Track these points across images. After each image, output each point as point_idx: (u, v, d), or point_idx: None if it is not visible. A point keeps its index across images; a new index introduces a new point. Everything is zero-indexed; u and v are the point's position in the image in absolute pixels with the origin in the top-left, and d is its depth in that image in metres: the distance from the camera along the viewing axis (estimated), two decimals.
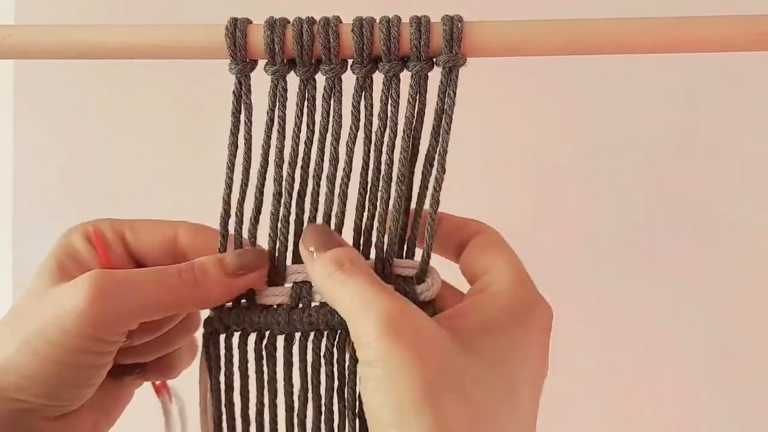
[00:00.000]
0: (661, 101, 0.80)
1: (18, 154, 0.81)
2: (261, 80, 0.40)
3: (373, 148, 0.40)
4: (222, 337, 0.42)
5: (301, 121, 0.40)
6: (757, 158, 0.80)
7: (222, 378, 0.42)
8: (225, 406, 0.42)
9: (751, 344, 0.81)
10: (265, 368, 0.41)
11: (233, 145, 0.40)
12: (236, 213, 0.41)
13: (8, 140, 0.82)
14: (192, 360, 0.46)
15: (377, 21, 0.38)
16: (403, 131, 0.39)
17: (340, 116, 0.40)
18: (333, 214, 0.40)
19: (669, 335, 0.81)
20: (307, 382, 0.41)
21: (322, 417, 0.41)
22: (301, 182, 0.41)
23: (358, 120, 0.40)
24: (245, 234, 0.41)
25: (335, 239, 0.39)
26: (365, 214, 0.40)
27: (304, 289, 0.41)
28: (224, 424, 0.42)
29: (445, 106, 0.39)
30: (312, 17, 0.39)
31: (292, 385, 0.42)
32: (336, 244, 0.39)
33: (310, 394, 0.41)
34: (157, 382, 0.46)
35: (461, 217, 0.42)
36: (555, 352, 0.81)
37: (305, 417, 0.41)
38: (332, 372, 0.41)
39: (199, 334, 0.44)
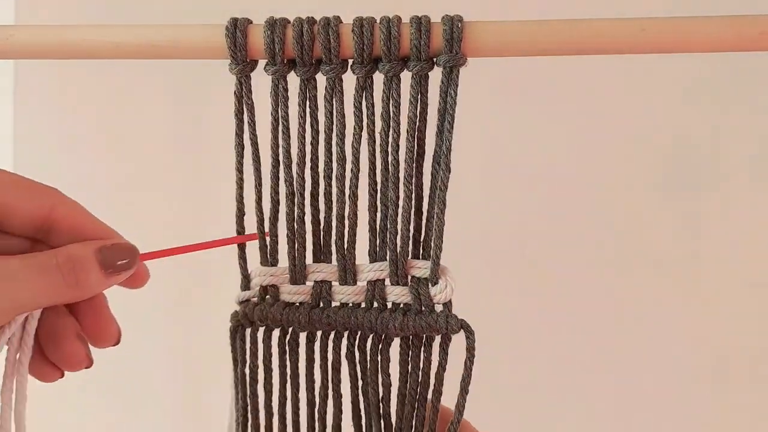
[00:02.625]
0: (660, 101, 0.80)
1: (18, 154, 0.81)
2: (263, 80, 0.40)
3: (378, 148, 0.40)
4: (248, 331, 0.43)
5: (305, 121, 0.40)
6: (757, 157, 0.80)
7: (247, 371, 0.43)
8: (249, 397, 0.43)
9: (751, 344, 0.81)
10: (287, 363, 0.42)
11: (239, 146, 0.41)
12: (256, 213, 0.41)
13: (8, 140, 0.82)
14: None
15: (377, 21, 0.38)
16: (407, 131, 0.40)
17: (343, 116, 0.40)
18: (346, 215, 0.41)
19: (669, 334, 0.81)
20: (327, 379, 0.42)
21: (343, 415, 0.42)
22: (312, 183, 0.41)
23: (361, 120, 0.40)
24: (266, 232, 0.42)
25: None
26: (378, 215, 0.41)
27: (324, 288, 0.41)
28: (249, 415, 0.43)
29: (447, 106, 0.39)
30: (312, 17, 0.39)
31: (313, 381, 0.42)
32: None
33: (330, 391, 0.42)
34: None
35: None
36: (553, 351, 0.81)
37: (325, 413, 0.42)
38: (355, 372, 0.41)
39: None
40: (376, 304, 0.41)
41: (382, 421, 0.41)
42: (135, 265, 0.38)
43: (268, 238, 0.42)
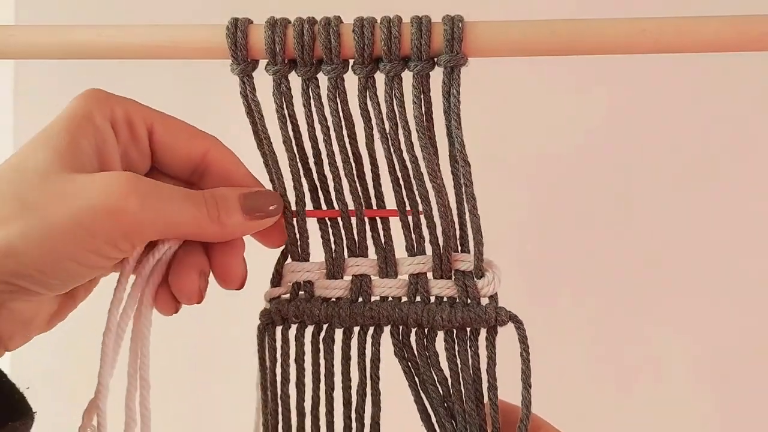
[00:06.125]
0: (660, 101, 0.80)
1: None
2: (265, 80, 0.40)
3: (391, 146, 0.40)
4: (278, 329, 0.42)
5: (312, 121, 0.40)
6: (756, 157, 0.80)
7: (278, 370, 0.42)
8: (280, 398, 0.42)
9: (749, 343, 0.81)
10: (322, 361, 0.41)
11: (261, 143, 0.41)
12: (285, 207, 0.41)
13: (8, 140, 0.82)
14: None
15: (378, 21, 0.38)
16: (417, 130, 0.40)
17: (350, 115, 0.40)
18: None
19: (669, 334, 0.81)
20: (366, 377, 0.41)
21: (382, 413, 0.41)
22: (335, 179, 0.41)
23: (370, 120, 0.40)
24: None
25: None
26: (408, 210, 0.41)
27: (363, 282, 0.41)
28: (280, 417, 0.42)
29: (452, 105, 0.39)
30: (313, 17, 0.39)
31: (349, 379, 0.41)
32: None
33: (369, 389, 0.41)
34: None
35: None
36: (553, 350, 0.81)
37: (363, 412, 0.41)
38: (409, 369, 0.41)
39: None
40: (419, 298, 0.41)
41: (452, 420, 0.40)
42: (277, 214, 0.40)
43: (297, 234, 0.41)
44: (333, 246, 0.41)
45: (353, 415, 0.41)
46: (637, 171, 0.81)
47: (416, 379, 0.41)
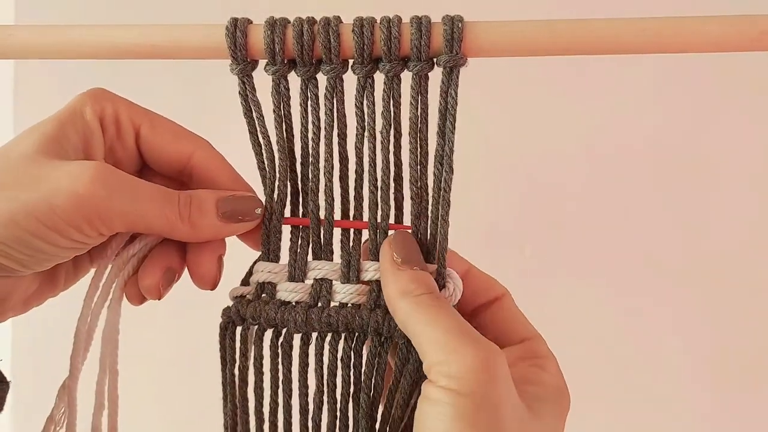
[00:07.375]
0: (661, 101, 0.80)
1: None
2: (266, 79, 0.40)
3: (379, 147, 0.39)
4: (238, 329, 0.41)
5: (307, 121, 0.40)
6: (756, 157, 0.80)
7: (236, 372, 0.41)
8: (238, 400, 0.41)
9: (752, 343, 0.81)
10: (280, 367, 0.40)
11: (257, 145, 0.40)
12: (266, 206, 0.41)
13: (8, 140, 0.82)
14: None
15: (378, 21, 0.38)
16: (409, 133, 0.39)
17: (344, 115, 0.40)
18: (351, 215, 0.41)
19: (669, 334, 0.81)
20: (323, 384, 0.40)
21: (337, 422, 0.40)
22: (313, 180, 0.40)
23: (363, 120, 0.40)
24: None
25: (422, 260, 0.39)
26: (379, 214, 0.40)
27: (324, 287, 0.40)
28: (238, 419, 0.41)
29: (448, 106, 0.39)
30: (312, 17, 0.39)
31: (307, 387, 0.40)
32: (424, 266, 0.38)
33: (325, 397, 0.40)
34: None
35: (484, 273, 0.42)
36: (551, 349, 0.80)
37: (320, 420, 0.40)
38: (349, 376, 0.40)
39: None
40: (381, 305, 0.39)
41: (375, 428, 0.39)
42: (254, 218, 0.40)
43: (270, 235, 0.41)
44: (297, 249, 0.41)
45: (309, 424, 0.40)
46: (637, 170, 0.80)
47: (351, 388, 0.40)
